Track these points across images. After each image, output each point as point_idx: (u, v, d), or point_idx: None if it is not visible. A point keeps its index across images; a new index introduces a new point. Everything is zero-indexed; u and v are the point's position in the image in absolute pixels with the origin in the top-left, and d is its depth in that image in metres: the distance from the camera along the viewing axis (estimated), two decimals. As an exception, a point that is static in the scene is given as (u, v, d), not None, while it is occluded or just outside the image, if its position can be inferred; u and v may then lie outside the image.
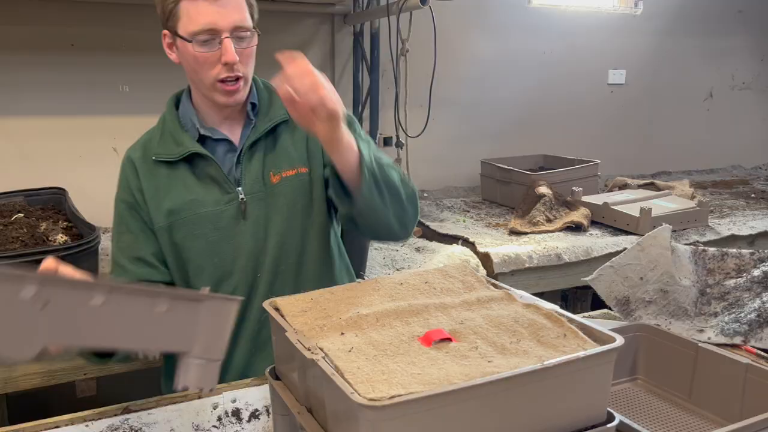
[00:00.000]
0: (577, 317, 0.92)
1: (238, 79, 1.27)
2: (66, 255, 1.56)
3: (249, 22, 1.27)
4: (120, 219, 1.37)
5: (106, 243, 2.25)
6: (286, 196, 1.36)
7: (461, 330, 0.90)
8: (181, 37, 1.24)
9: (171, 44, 1.30)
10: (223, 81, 1.26)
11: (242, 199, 1.33)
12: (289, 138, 1.39)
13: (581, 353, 0.79)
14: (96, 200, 2.30)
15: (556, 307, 0.94)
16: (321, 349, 0.83)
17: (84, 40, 2.49)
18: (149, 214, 1.34)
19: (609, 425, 0.81)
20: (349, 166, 1.19)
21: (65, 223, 1.80)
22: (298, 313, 0.97)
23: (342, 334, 0.89)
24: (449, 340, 0.87)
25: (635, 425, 0.90)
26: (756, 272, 1.41)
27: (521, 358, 0.80)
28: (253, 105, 1.38)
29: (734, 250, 1.49)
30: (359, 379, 0.75)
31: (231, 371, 1.35)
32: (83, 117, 2.55)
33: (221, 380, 1.08)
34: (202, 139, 1.35)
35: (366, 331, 0.90)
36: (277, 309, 0.99)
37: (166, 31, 1.29)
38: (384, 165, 1.25)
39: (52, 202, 2.03)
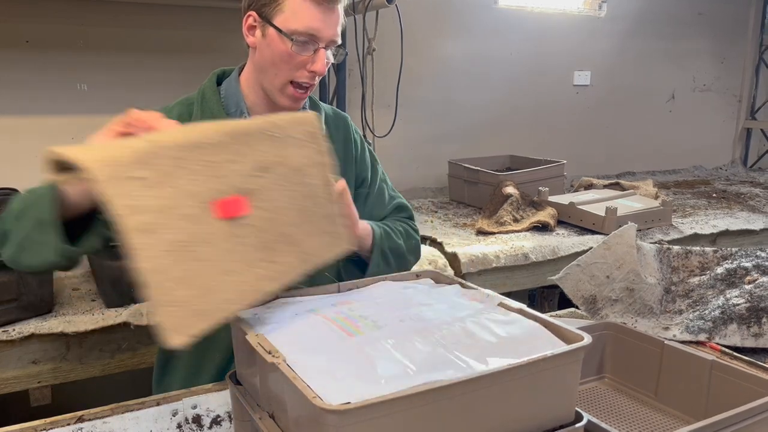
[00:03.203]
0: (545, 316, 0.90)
1: (308, 88, 1.28)
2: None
3: (340, 39, 1.29)
4: None
5: (62, 246, 2.18)
6: None
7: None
8: (278, 29, 1.21)
9: (254, 27, 1.26)
10: (294, 84, 1.26)
11: None
12: None
13: (548, 352, 0.78)
14: (52, 202, 2.23)
15: (524, 306, 0.93)
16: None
17: (40, 37, 2.41)
18: None
19: (577, 425, 0.80)
20: (364, 246, 1.31)
21: (18, 226, 1.72)
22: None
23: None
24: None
25: (603, 424, 0.89)
26: (719, 270, 1.43)
27: (488, 359, 0.79)
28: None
29: (698, 248, 1.50)
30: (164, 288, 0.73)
31: (207, 376, 1.31)
32: (39, 116, 2.46)
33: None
34: None
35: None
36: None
37: (253, 13, 1.25)
38: (392, 232, 1.38)
39: (3, 204, 1.95)
